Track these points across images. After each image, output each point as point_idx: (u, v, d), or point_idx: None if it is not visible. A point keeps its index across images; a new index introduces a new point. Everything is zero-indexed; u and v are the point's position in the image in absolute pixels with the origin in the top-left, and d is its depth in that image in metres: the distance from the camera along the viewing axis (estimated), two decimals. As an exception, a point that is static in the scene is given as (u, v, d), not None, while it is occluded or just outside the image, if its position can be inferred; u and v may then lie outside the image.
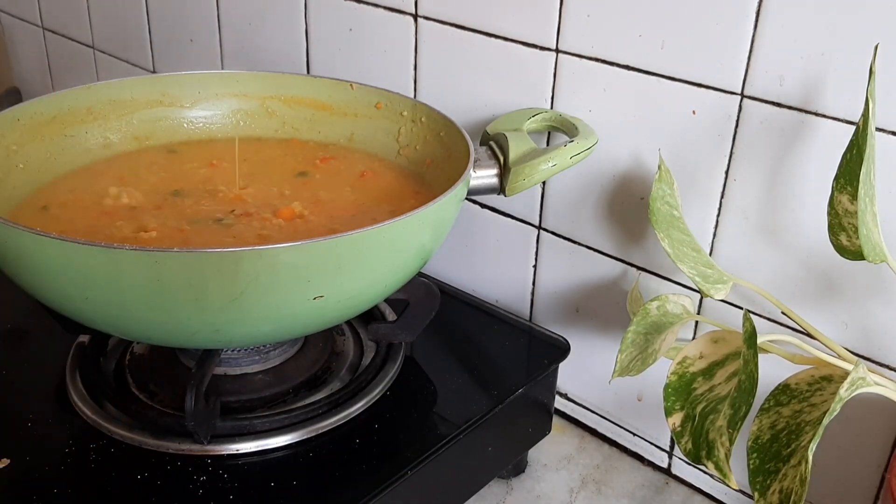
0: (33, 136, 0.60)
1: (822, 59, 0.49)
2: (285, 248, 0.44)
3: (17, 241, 0.44)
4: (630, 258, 0.63)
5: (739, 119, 0.54)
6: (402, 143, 0.66)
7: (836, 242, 0.45)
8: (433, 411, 0.57)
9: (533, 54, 0.62)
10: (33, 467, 0.50)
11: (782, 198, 0.53)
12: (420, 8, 0.68)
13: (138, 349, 0.60)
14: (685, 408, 0.50)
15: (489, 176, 0.58)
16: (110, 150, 0.65)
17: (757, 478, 0.45)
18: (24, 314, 0.65)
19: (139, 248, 0.42)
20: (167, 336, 0.50)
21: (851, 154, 0.43)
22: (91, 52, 1.05)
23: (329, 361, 0.60)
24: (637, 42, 0.57)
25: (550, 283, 0.69)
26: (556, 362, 0.62)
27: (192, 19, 0.89)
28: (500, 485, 0.64)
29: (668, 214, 0.52)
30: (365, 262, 0.48)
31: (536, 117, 0.61)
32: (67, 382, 0.56)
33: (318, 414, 0.54)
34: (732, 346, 0.51)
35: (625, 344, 0.52)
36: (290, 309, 0.47)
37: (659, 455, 0.67)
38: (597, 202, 0.63)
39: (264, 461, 0.51)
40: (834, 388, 0.47)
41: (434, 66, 0.69)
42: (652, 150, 0.59)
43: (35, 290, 0.48)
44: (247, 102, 0.69)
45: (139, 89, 0.66)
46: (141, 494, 0.49)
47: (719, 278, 0.52)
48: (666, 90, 0.56)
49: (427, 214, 0.49)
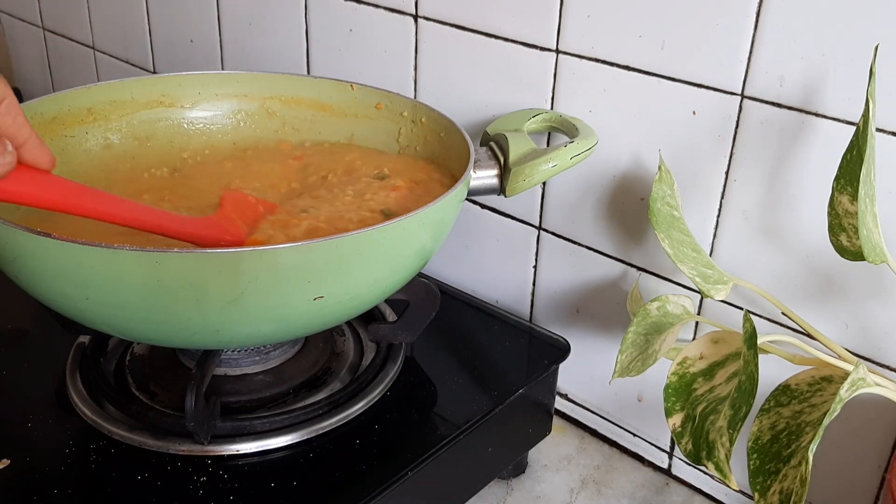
0: (33, 136, 0.60)
1: (822, 59, 0.49)
2: (285, 249, 0.44)
3: (17, 241, 0.44)
4: (630, 259, 0.63)
5: (740, 119, 0.54)
6: (402, 144, 0.66)
7: (837, 243, 0.45)
8: (433, 412, 0.57)
9: (533, 55, 0.62)
10: (33, 467, 0.50)
11: (782, 198, 0.53)
12: (420, 8, 0.68)
13: (138, 349, 0.60)
14: (685, 408, 0.50)
15: (489, 176, 0.58)
16: (111, 150, 0.65)
17: (757, 478, 0.45)
18: (24, 314, 0.65)
19: (139, 249, 0.42)
20: (167, 336, 0.50)
21: (851, 154, 0.43)
22: (91, 52, 1.05)
23: (329, 362, 0.60)
24: (637, 42, 0.57)
25: (550, 283, 0.69)
26: (556, 363, 0.62)
27: (192, 19, 0.89)
28: (501, 485, 0.64)
29: (669, 215, 0.52)
30: (365, 262, 0.48)
31: (536, 118, 0.61)
32: (67, 383, 0.56)
33: (318, 414, 0.54)
34: (733, 347, 0.51)
35: (625, 344, 0.52)
36: (290, 309, 0.47)
37: (659, 456, 0.67)
38: (597, 203, 0.63)
39: (264, 462, 0.51)
40: (834, 388, 0.47)
41: (434, 67, 0.69)
42: (652, 151, 0.59)
43: (35, 290, 0.48)
44: (247, 103, 0.69)
45: (139, 90, 0.66)
46: (141, 495, 0.49)
47: (719, 279, 0.52)
48: (666, 91, 0.56)
49: (427, 215, 0.49)
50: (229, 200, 0.56)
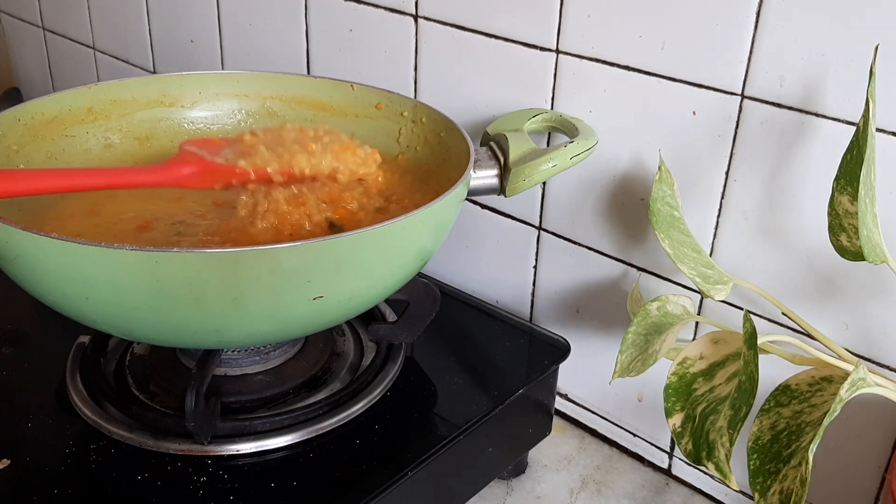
0: (34, 136, 0.60)
1: (822, 59, 0.49)
2: (285, 249, 0.44)
3: (17, 241, 0.44)
4: (630, 259, 0.63)
5: (740, 120, 0.54)
6: (402, 144, 0.66)
7: (837, 243, 0.45)
8: (433, 412, 0.57)
9: (533, 55, 0.62)
10: (33, 468, 0.50)
11: (783, 198, 0.53)
12: (420, 8, 0.68)
13: (138, 349, 0.60)
14: (685, 408, 0.50)
15: (489, 176, 0.57)
16: (111, 150, 0.65)
17: (757, 478, 0.45)
18: (24, 314, 0.65)
19: (139, 249, 0.42)
20: (167, 336, 0.50)
21: (852, 155, 0.43)
22: (91, 53, 1.05)
23: (329, 362, 0.60)
24: (637, 43, 0.57)
25: (551, 283, 0.69)
26: (556, 363, 0.62)
27: (192, 19, 0.89)
28: (501, 485, 0.64)
29: (669, 215, 0.52)
30: (365, 262, 0.48)
31: (537, 118, 0.61)
32: (67, 383, 0.56)
33: (318, 415, 0.54)
34: (733, 347, 0.51)
35: (625, 345, 0.52)
36: (290, 309, 0.47)
37: (659, 456, 0.67)
38: (597, 203, 0.63)
39: (264, 462, 0.51)
40: (834, 388, 0.47)
41: (434, 67, 0.69)
42: (652, 151, 0.59)
43: (35, 290, 0.48)
44: (247, 103, 0.69)
45: (140, 89, 0.66)
46: (141, 495, 0.49)
47: (720, 279, 0.52)
48: (666, 91, 0.56)
49: (427, 215, 0.49)
50: (189, 144, 0.55)
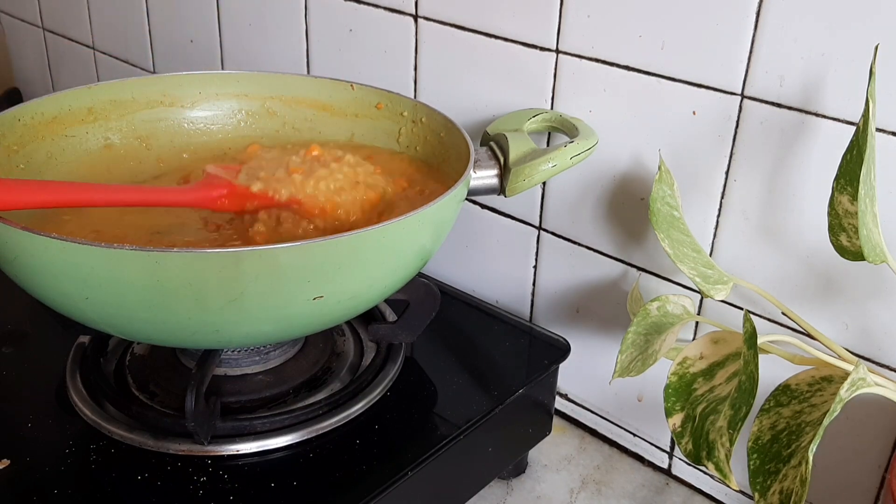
0: (34, 136, 0.60)
1: (822, 59, 0.49)
2: (285, 249, 0.44)
3: (17, 241, 0.44)
4: (630, 259, 0.63)
5: (740, 119, 0.54)
6: (402, 144, 0.66)
7: (837, 243, 0.45)
8: (433, 412, 0.57)
9: (533, 55, 0.62)
10: (33, 468, 0.50)
11: (782, 198, 0.53)
12: (420, 8, 0.68)
13: (138, 349, 0.60)
14: (685, 408, 0.50)
15: (489, 176, 0.58)
16: (111, 150, 0.65)
17: (757, 478, 0.45)
18: (24, 314, 0.65)
19: (139, 248, 0.42)
20: (167, 336, 0.50)
21: (851, 154, 0.43)
22: (91, 53, 1.05)
23: (329, 362, 0.60)
24: (637, 42, 0.57)
25: (550, 283, 0.69)
26: (556, 363, 0.62)
27: (192, 19, 0.89)
28: (501, 485, 0.64)
29: (669, 215, 0.52)
30: (365, 262, 0.48)
31: (537, 118, 0.61)
32: (67, 383, 0.56)
33: (318, 414, 0.54)
34: (733, 347, 0.51)
35: (625, 344, 0.52)
36: (290, 309, 0.47)
37: (659, 456, 0.67)
38: (597, 203, 0.63)
39: (264, 462, 0.51)
40: (834, 388, 0.47)
41: (434, 67, 0.69)
42: (652, 151, 0.59)
43: (35, 290, 0.48)
44: (247, 103, 0.69)
45: (140, 89, 0.66)
46: (141, 495, 0.49)
47: (719, 279, 0.52)
48: (666, 91, 0.56)
49: (427, 215, 0.49)
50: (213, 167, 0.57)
